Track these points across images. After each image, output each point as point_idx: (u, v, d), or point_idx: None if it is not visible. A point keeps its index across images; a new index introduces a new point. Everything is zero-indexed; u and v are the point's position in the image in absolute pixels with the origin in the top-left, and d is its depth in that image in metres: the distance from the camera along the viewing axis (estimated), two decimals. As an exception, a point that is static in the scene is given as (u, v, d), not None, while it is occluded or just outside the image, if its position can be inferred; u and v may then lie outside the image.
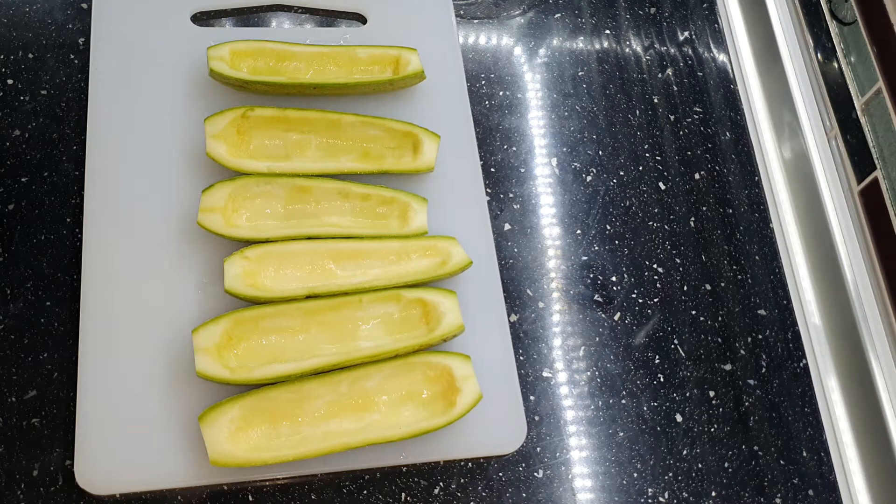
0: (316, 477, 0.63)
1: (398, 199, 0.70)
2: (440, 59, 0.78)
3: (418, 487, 0.64)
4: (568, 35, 0.87)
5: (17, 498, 0.59)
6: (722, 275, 0.78)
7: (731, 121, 0.86)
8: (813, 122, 0.85)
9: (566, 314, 0.73)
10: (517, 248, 0.75)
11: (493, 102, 0.81)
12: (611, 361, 0.72)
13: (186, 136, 0.70)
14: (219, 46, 0.71)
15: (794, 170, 0.86)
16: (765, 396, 0.73)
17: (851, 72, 0.82)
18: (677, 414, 0.71)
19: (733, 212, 0.81)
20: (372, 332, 0.65)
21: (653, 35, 0.89)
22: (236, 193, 0.67)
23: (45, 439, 0.60)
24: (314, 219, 0.69)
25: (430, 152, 0.72)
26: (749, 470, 0.70)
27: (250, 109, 0.69)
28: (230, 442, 0.58)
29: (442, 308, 0.65)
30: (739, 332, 0.75)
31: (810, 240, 0.83)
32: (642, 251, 0.77)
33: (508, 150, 0.79)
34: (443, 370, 0.64)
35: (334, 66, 0.75)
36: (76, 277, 0.65)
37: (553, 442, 0.68)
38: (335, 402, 0.62)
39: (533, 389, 0.69)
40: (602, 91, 0.84)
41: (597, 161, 0.80)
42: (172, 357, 0.62)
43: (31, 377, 0.62)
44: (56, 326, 0.64)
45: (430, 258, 0.69)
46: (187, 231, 0.67)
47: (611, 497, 0.67)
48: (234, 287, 0.63)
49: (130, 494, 0.60)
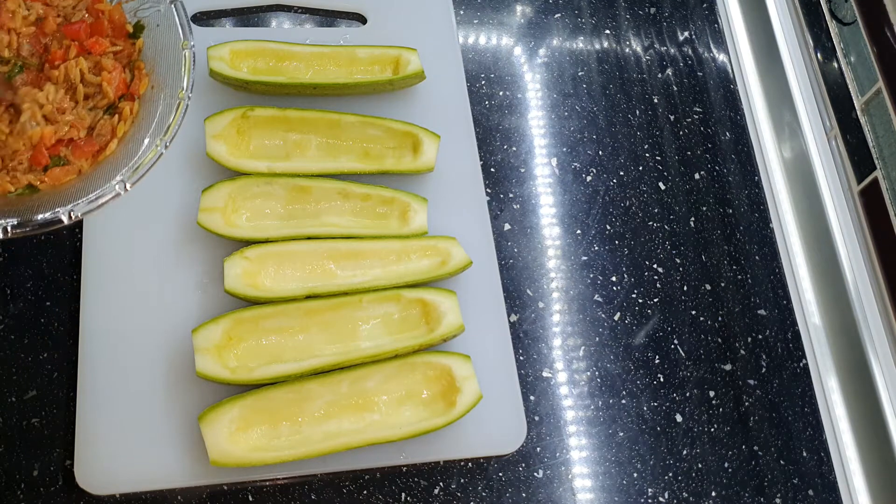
0: (316, 477, 0.63)
1: (398, 199, 0.70)
2: (440, 59, 0.78)
3: (418, 487, 0.64)
4: (568, 35, 0.87)
5: (17, 498, 0.59)
6: (722, 275, 0.78)
7: (731, 121, 0.86)
8: (813, 122, 0.85)
9: (566, 314, 0.73)
10: (517, 248, 0.75)
11: (493, 102, 0.81)
12: (611, 361, 0.72)
13: (186, 136, 0.70)
14: (219, 46, 0.71)
15: (794, 170, 0.86)
16: (765, 396, 0.73)
17: (851, 72, 0.82)
18: (677, 414, 0.71)
19: (733, 212, 0.81)
20: (372, 332, 0.65)
21: (653, 35, 0.89)
22: (236, 193, 0.67)
23: (45, 439, 0.60)
24: (314, 219, 0.69)
25: (430, 152, 0.72)
26: (749, 470, 0.70)
27: (250, 109, 0.69)
28: (230, 442, 0.58)
29: (442, 308, 0.65)
30: (739, 332, 0.75)
31: (810, 240, 0.83)
32: (642, 251, 0.77)
33: (508, 150, 0.79)
34: (443, 370, 0.64)
35: (334, 66, 0.75)
36: (76, 277, 0.65)
37: (553, 442, 0.68)
38: (335, 402, 0.62)
39: (533, 389, 0.69)
40: (602, 91, 0.84)
41: (597, 161, 0.80)
42: (172, 357, 0.62)
43: (31, 377, 0.62)
44: (56, 326, 0.64)
45: (430, 258, 0.69)
46: (187, 231, 0.67)
47: (611, 497, 0.67)
48: (234, 287, 0.63)
49: (130, 494, 0.60)
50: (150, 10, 0.59)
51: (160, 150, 0.54)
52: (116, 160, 0.56)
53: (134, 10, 0.59)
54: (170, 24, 0.58)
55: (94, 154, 0.57)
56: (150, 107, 0.57)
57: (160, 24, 0.58)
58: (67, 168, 0.56)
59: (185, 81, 0.56)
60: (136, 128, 0.57)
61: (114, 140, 0.57)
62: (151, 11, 0.59)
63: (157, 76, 0.58)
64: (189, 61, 0.56)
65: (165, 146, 0.54)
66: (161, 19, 0.58)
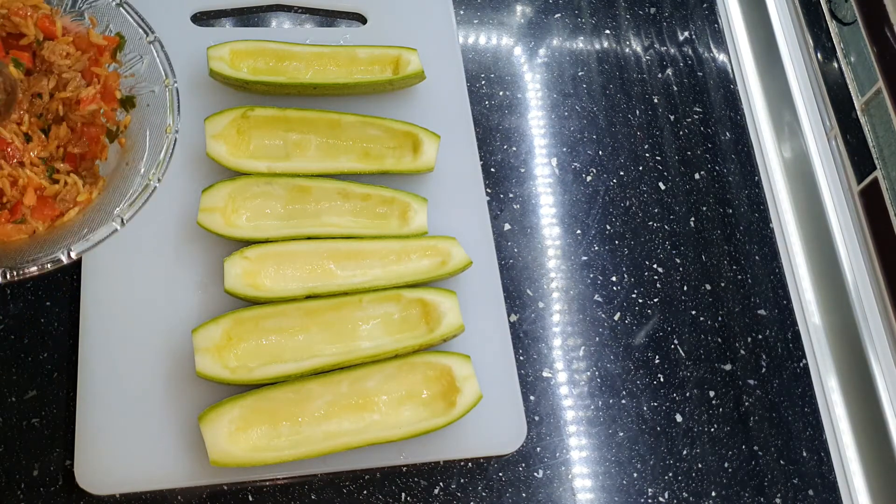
0: (316, 477, 0.63)
1: (398, 199, 0.70)
2: (440, 59, 0.78)
3: (418, 487, 0.64)
4: (568, 35, 0.87)
5: (17, 498, 0.59)
6: (722, 275, 0.78)
7: (731, 121, 0.86)
8: (813, 122, 0.85)
9: (566, 314, 0.73)
10: (517, 248, 0.75)
11: (493, 102, 0.81)
12: (611, 361, 0.72)
13: (186, 137, 0.70)
14: (219, 46, 0.71)
15: (794, 170, 0.86)
16: (765, 396, 0.73)
17: (851, 72, 0.82)
18: (677, 414, 0.71)
19: (733, 212, 0.81)
20: (372, 332, 0.65)
21: (653, 35, 0.89)
22: (236, 193, 0.67)
23: (45, 439, 0.60)
24: (314, 219, 0.69)
25: (430, 152, 0.72)
26: (749, 470, 0.70)
27: (250, 109, 0.69)
28: (230, 442, 0.58)
29: (442, 308, 0.65)
30: (739, 332, 0.75)
31: (810, 240, 0.83)
32: (642, 251, 0.77)
33: (508, 150, 0.79)
34: (443, 370, 0.64)
35: (334, 66, 0.75)
36: (76, 277, 0.65)
37: (553, 442, 0.68)
38: (335, 402, 0.62)
39: (533, 389, 0.69)
40: (602, 91, 0.84)
41: (597, 161, 0.80)
42: (172, 357, 0.62)
43: (31, 377, 0.62)
44: (56, 326, 0.64)
45: (430, 258, 0.69)
46: (187, 231, 0.67)
47: (611, 497, 0.67)
48: (234, 287, 0.63)
49: (130, 494, 0.60)
50: (145, 91, 0.59)
51: (115, 227, 0.53)
52: (73, 227, 0.55)
53: (129, 86, 0.59)
54: (160, 105, 0.58)
55: (52, 218, 0.56)
56: (120, 182, 0.57)
57: (150, 105, 0.59)
58: (21, 227, 0.54)
59: (162, 162, 0.56)
60: (101, 200, 0.56)
61: (75, 208, 0.56)
62: (146, 91, 0.59)
63: (134, 154, 0.58)
64: (170, 144, 0.56)
65: (123, 222, 0.53)
66: (153, 100, 0.59)
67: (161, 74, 0.58)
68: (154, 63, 0.58)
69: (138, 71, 0.59)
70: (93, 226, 0.53)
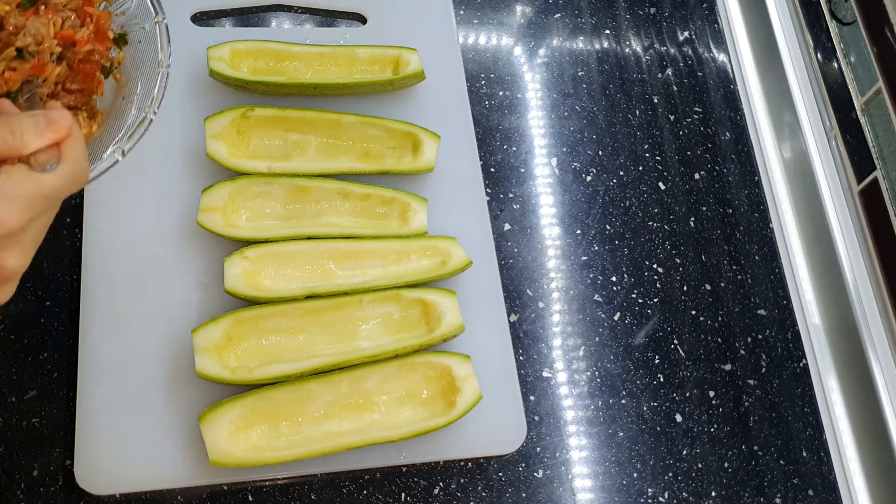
0: (316, 477, 0.63)
1: (398, 199, 0.70)
2: (440, 59, 0.78)
3: (418, 487, 0.64)
4: (568, 35, 0.87)
5: (17, 498, 0.59)
6: (722, 275, 0.78)
7: (731, 121, 0.86)
8: (813, 122, 0.85)
9: (566, 314, 0.73)
10: (517, 248, 0.75)
11: (493, 102, 0.81)
12: (611, 361, 0.72)
13: (186, 136, 0.70)
14: (219, 46, 0.71)
15: (794, 170, 0.86)
16: (765, 396, 0.73)
17: (851, 72, 0.82)
18: (677, 414, 0.71)
19: (733, 212, 0.81)
20: (372, 332, 0.65)
21: (653, 35, 0.89)
22: (236, 193, 0.67)
23: (45, 439, 0.60)
24: (314, 219, 0.69)
25: (430, 152, 0.72)
26: (749, 470, 0.70)
27: (250, 109, 0.69)
28: (230, 442, 0.58)
29: (442, 308, 0.65)
30: (739, 332, 0.75)
31: (810, 240, 0.83)
32: (642, 251, 0.77)
33: (508, 150, 0.79)
34: (443, 370, 0.64)
35: (334, 66, 0.75)
36: (76, 277, 0.65)
37: (553, 442, 0.68)
38: (335, 402, 0.62)
39: (533, 389, 0.69)
40: (602, 91, 0.84)
41: (597, 161, 0.80)
42: (172, 357, 0.62)
43: (31, 377, 0.62)
44: (56, 326, 0.64)
45: (430, 258, 0.69)
46: (187, 231, 0.67)
47: (611, 497, 0.67)
48: (234, 287, 0.63)
49: (130, 494, 0.60)
50: (136, 28, 0.60)
51: (116, 158, 0.54)
52: None
53: (121, 24, 0.60)
54: (151, 42, 0.59)
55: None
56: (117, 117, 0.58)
57: (142, 42, 0.60)
58: None
59: (157, 96, 0.57)
60: (100, 133, 0.58)
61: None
62: (137, 29, 0.60)
63: (129, 89, 0.59)
64: (163, 79, 0.57)
65: (123, 153, 0.54)
66: (144, 37, 0.60)
67: (151, 12, 0.60)
68: (143, 1, 0.60)
69: (129, 9, 0.60)
70: (95, 157, 0.54)
